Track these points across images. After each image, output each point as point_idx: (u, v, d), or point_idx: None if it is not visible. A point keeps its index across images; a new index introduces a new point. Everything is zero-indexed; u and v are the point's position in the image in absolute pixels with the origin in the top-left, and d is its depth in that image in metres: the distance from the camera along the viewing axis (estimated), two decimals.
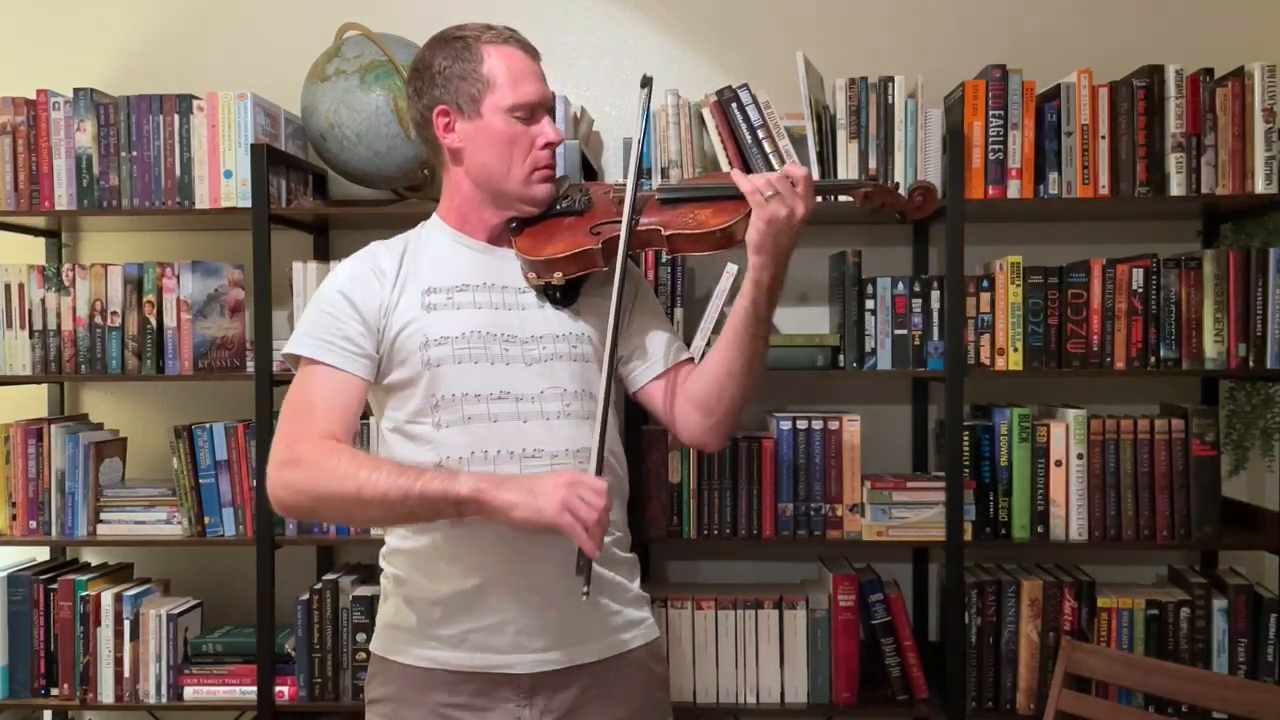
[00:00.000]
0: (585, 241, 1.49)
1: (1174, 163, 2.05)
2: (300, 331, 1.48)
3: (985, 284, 2.11)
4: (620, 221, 1.47)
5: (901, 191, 1.54)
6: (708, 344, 2.11)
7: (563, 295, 1.53)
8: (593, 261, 1.49)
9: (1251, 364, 2.08)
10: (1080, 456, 2.10)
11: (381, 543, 1.57)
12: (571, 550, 1.41)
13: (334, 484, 1.36)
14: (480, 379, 1.46)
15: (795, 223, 1.41)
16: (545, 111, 1.52)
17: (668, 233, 1.48)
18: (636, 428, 2.12)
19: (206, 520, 2.20)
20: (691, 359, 1.62)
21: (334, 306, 1.47)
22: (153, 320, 2.20)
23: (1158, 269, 2.09)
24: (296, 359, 1.47)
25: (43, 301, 2.21)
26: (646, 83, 1.52)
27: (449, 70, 1.49)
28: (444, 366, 1.45)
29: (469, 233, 1.54)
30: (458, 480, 1.33)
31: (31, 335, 2.22)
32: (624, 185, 1.50)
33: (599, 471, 1.39)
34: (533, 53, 1.53)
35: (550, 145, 1.51)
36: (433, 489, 1.33)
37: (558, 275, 1.49)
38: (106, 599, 2.20)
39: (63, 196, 2.18)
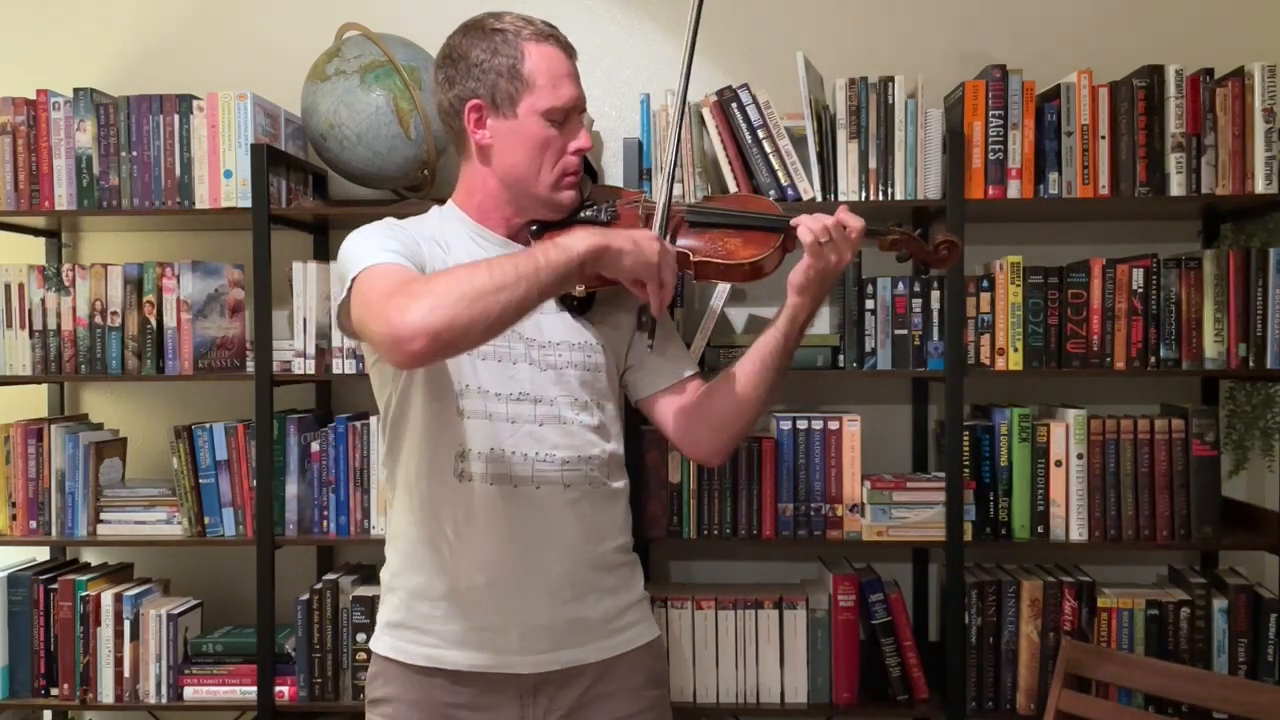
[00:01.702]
0: None
1: (1174, 163, 2.05)
2: (361, 256, 1.37)
3: (985, 284, 2.11)
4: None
5: (927, 241, 1.52)
6: (708, 344, 2.11)
7: (580, 305, 1.52)
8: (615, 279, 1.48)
9: (1251, 364, 2.08)
10: (1080, 456, 2.10)
11: (382, 542, 1.57)
12: (575, 543, 1.47)
13: (465, 285, 1.24)
14: (503, 377, 1.45)
15: (842, 268, 1.43)
16: (578, 114, 1.51)
17: (696, 259, 1.48)
18: (636, 428, 2.11)
19: (206, 520, 2.20)
20: (700, 373, 1.61)
21: (391, 232, 1.43)
22: (153, 320, 2.20)
23: (1158, 269, 2.09)
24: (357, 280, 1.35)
25: (43, 301, 2.21)
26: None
27: (487, 64, 1.45)
28: (471, 357, 1.44)
29: (489, 227, 1.53)
30: (570, 244, 1.32)
31: (31, 335, 2.22)
32: (649, 194, 1.49)
33: (664, 233, 1.45)
34: (571, 51, 1.51)
35: (581, 151, 1.50)
36: (554, 258, 1.30)
37: (579, 288, 1.48)
38: (106, 599, 2.20)
39: (63, 196, 2.18)
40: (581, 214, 1.53)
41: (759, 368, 1.48)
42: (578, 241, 1.32)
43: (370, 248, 1.39)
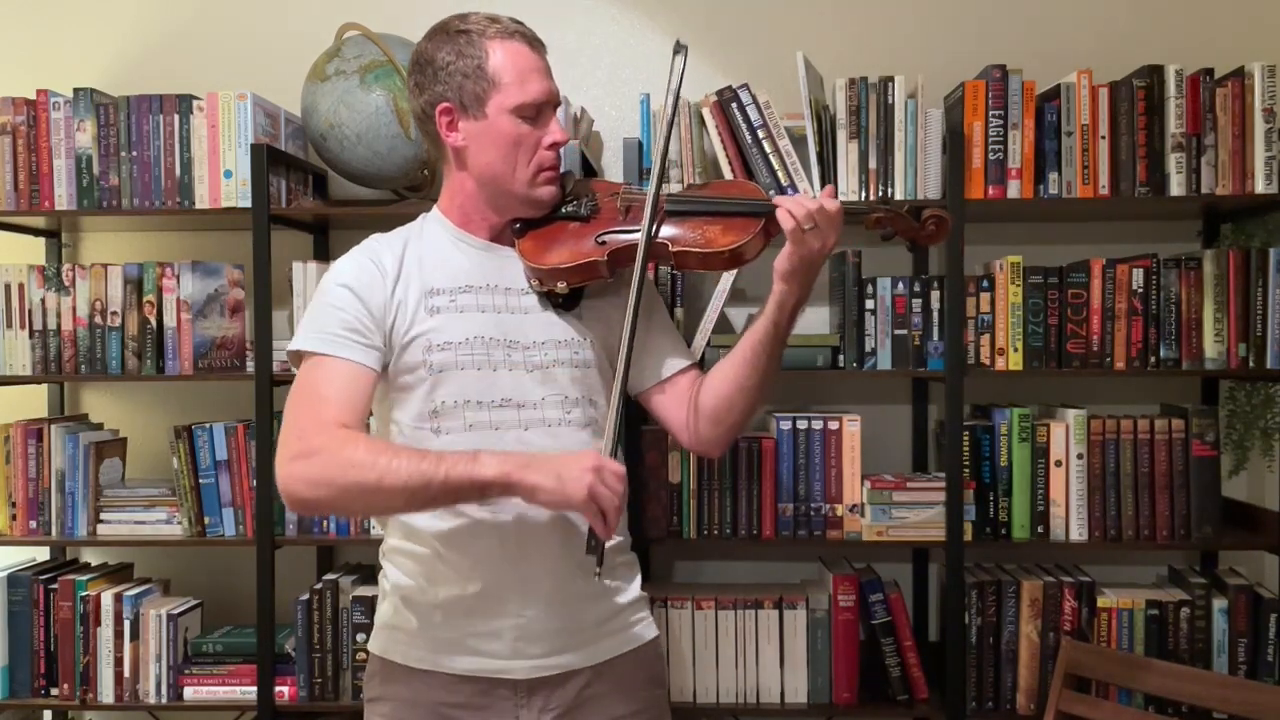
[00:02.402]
0: (591, 252, 1.46)
1: (1174, 163, 2.05)
2: (304, 328, 1.45)
3: (985, 284, 2.11)
4: (630, 231, 1.45)
5: (913, 217, 1.48)
6: (708, 344, 2.11)
7: (565, 301, 1.51)
8: (597, 272, 1.47)
9: (1251, 364, 2.08)
10: (1080, 456, 2.10)
11: (381, 541, 1.57)
12: (570, 549, 1.44)
13: (352, 474, 1.31)
14: (482, 385, 1.45)
15: (826, 253, 1.41)
16: (551, 109, 1.50)
17: (675, 249, 1.46)
18: (636, 428, 2.12)
19: (206, 520, 2.20)
20: (697, 365, 1.61)
21: (338, 300, 1.44)
22: (153, 320, 2.20)
23: (1158, 269, 2.09)
24: (300, 357, 1.44)
25: (43, 301, 2.22)
26: (680, 50, 1.47)
27: (452, 66, 1.45)
28: (447, 372, 1.44)
29: (471, 230, 1.52)
30: (481, 464, 1.31)
31: (31, 335, 2.22)
32: (631, 186, 1.48)
33: (614, 454, 1.37)
34: (539, 47, 1.50)
35: (556, 145, 1.49)
36: (456, 474, 1.30)
37: (561, 285, 1.47)
38: (106, 599, 2.20)
39: (63, 196, 2.18)
40: (563, 209, 1.52)
41: (750, 357, 1.47)
42: (489, 466, 1.31)
43: (320, 321, 1.43)
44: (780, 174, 2.07)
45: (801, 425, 2.13)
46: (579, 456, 1.34)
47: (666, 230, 1.47)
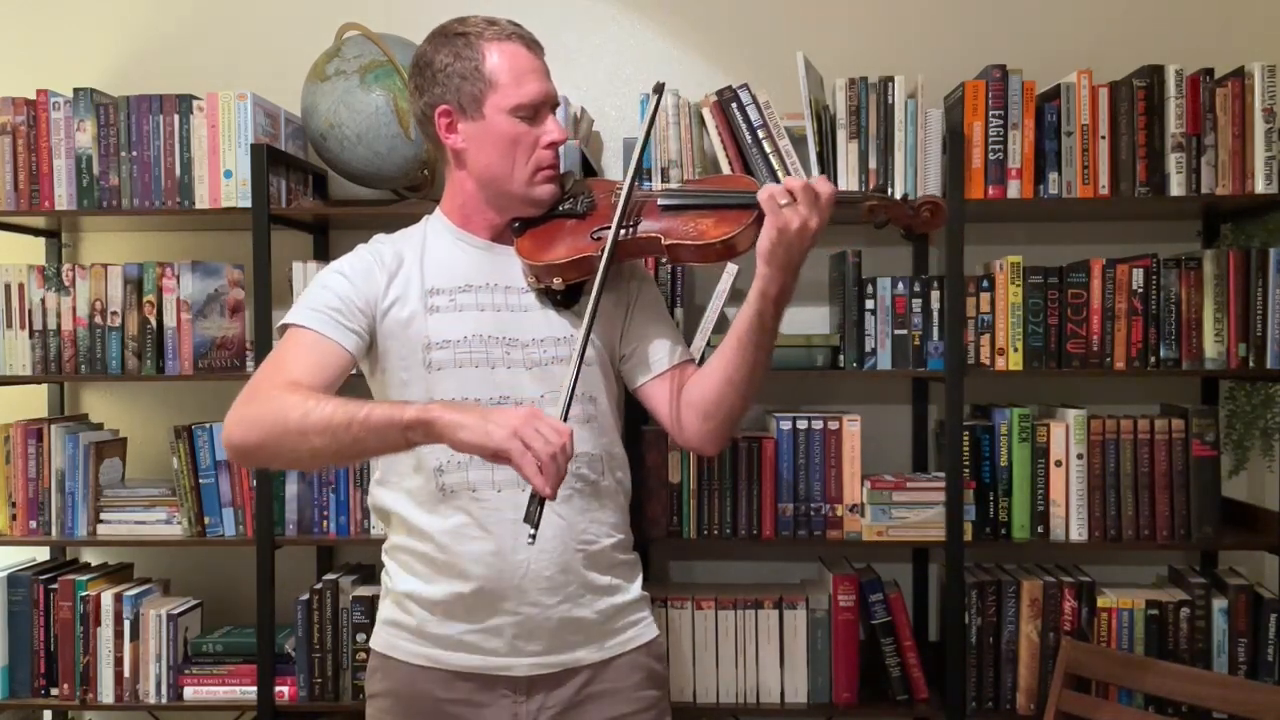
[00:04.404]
0: (586, 247, 1.47)
1: (1174, 163, 2.05)
2: (294, 307, 1.47)
3: (985, 284, 2.11)
4: (625, 226, 1.46)
5: (907, 204, 1.46)
6: (708, 344, 2.11)
7: (564, 297, 1.51)
8: (593, 267, 1.46)
9: (1251, 364, 2.08)
10: (1080, 456, 2.10)
11: (381, 541, 1.58)
12: (569, 548, 1.45)
13: (279, 414, 1.32)
14: (481, 383, 1.46)
15: (808, 235, 1.37)
16: (549, 109, 1.50)
17: (667, 242, 1.46)
18: (636, 428, 2.12)
19: (206, 520, 2.20)
20: (693, 360, 1.60)
21: (328, 281, 1.48)
22: (153, 320, 2.20)
23: (1158, 269, 2.09)
24: (284, 333, 1.46)
25: (43, 301, 2.22)
26: (659, 89, 1.51)
27: (450, 68, 1.47)
28: (445, 370, 1.45)
29: (472, 230, 1.54)
30: (405, 406, 1.31)
31: (31, 335, 2.22)
32: (647, 187, 1.48)
33: (565, 418, 1.32)
34: (536, 48, 1.51)
35: (554, 145, 1.49)
36: (378, 415, 1.30)
37: (557, 280, 1.48)
38: (106, 599, 2.20)
39: (63, 196, 2.18)
40: (560, 208, 1.53)
41: (736, 347, 1.45)
42: (411, 407, 1.30)
43: (307, 299, 1.46)
44: (780, 174, 2.07)
45: (801, 425, 2.13)
46: (516, 410, 1.30)
47: (659, 224, 1.48)
